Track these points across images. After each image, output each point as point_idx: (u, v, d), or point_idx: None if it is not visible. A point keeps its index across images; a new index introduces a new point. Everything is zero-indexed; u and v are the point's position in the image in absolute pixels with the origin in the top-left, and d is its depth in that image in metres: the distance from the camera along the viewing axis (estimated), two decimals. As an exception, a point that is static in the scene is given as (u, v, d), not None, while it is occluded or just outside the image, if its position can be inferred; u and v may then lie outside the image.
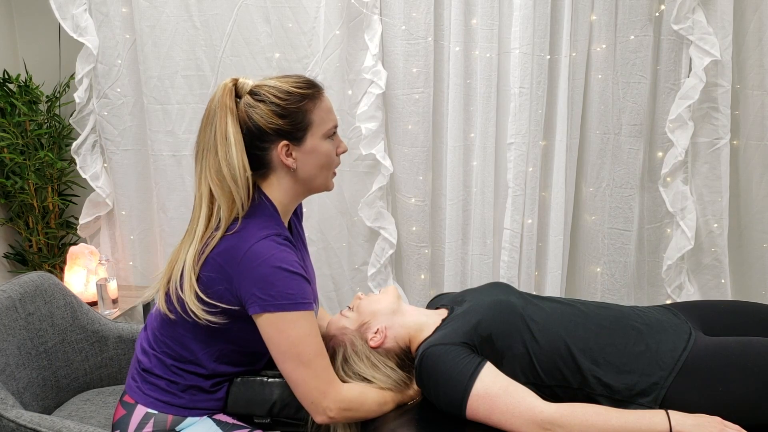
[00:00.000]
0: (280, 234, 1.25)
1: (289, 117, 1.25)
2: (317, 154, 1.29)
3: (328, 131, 1.30)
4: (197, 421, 1.34)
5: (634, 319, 1.39)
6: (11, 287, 1.59)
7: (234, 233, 1.23)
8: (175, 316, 1.28)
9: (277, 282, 1.19)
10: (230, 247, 1.21)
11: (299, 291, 1.21)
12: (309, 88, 1.28)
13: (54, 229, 2.59)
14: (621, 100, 2.16)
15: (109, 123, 2.42)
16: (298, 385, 1.24)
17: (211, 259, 1.22)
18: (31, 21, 2.64)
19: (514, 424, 1.21)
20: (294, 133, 1.26)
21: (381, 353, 1.41)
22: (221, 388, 1.36)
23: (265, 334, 1.23)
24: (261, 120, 1.24)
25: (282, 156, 1.26)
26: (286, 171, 1.29)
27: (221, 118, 1.23)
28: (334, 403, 1.24)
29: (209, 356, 1.32)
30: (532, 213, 2.24)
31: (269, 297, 1.19)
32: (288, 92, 1.25)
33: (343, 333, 1.45)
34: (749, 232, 2.22)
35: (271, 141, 1.25)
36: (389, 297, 1.48)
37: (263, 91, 1.25)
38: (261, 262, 1.19)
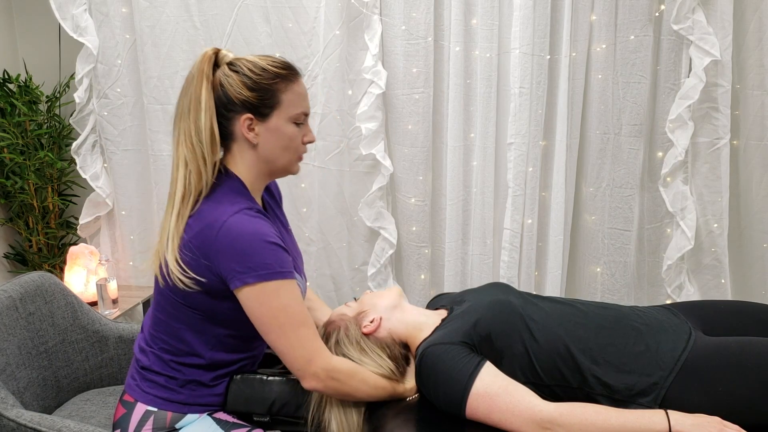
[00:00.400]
0: (252, 207, 1.27)
1: (258, 91, 1.27)
2: (280, 135, 1.31)
3: (296, 116, 1.32)
4: (197, 419, 1.34)
5: (634, 319, 1.39)
6: (12, 287, 1.59)
7: (205, 213, 1.24)
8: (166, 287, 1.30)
9: (254, 253, 1.20)
10: (204, 228, 1.23)
11: (276, 260, 1.22)
12: (285, 69, 1.31)
13: (54, 229, 2.59)
14: (621, 100, 2.16)
15: (109, 123, 2.42)
16: (284, 355, 1.26)
17: (188, 243, 1.24)
18: (31, 21, 2.64)
19: (513, 423, 1.21)
20: (260, 109, 1.28)
21: (372, 341, 1.43)
22: (221, 383, 1.36)
23: (248, 308, 1.24)
24: (231, 89, 1.27)
25: (244, 129, 1.29)
26: (248, 145, 1.31)
27: (197, 84, 1.26)
28: (322, 370, 1.25)
29: (205, 344, 1.32)
30: (532, 213, 2.24)
31: (247, 269, 1.20)
32: (263, 68, 1.29)
33: (341, 319, 1.47)
34: (749, 232, 2.22)
35: (237, 111, 1.28)
36: (392, 294, 1.52)
37: (240, 63, 1.29)
38: (236, 236, 1.20)
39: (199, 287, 1.25)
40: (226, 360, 1.35)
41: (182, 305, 1.30)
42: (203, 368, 1.34)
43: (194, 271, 1.24)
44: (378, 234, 2.31)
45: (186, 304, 1.29)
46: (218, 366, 1.35)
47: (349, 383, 1.29)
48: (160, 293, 1.33)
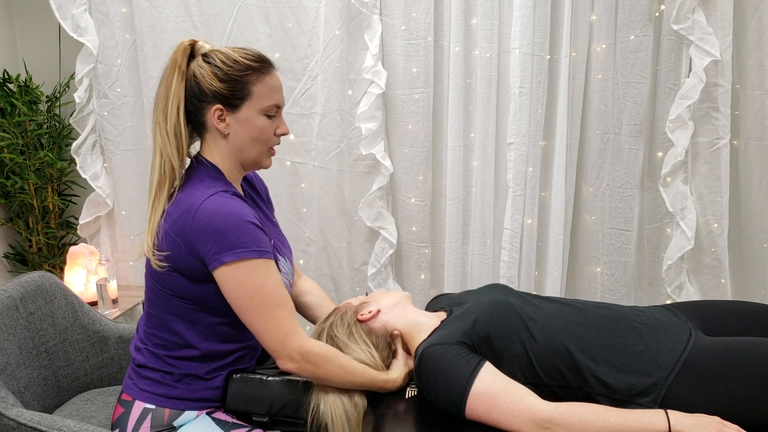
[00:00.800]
0: (227, 190, 1.29)
1: (228, 82, 1.29)
2: (250, 126, 1.33)
3: (267, 108, 1.33)
4: (195, 418, 1.34)
5: (634, 319, 1.39)
6: (12, 287, 1.60)
7: (182, 199, 1.27)
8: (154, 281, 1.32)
9: (229, 232, 1.21)
10: (182, 213, 1.25)
11: (252, 239, 1.23)
12: (257, 62, 1.33)
13: (54, 229, 2.60)
14: (621, 100, 2.16)
15: (109, 123, 2.42)
16: (259, 335, 1.27)
17: (168, 231, 1.26)
18: (31, 21, 2.64)
19: (513, 423, 1.21)
20: (230, 100, 1.30)
21: (363, 328, 1.44)
22: (217, 376, 1.36)
23: (225, 288, 1.25)
24: (202, 80, 1.29)
25: (214, 119, 1.31)
26: (219, 135, 1.33)
27: (169, 74, 1.29)
28: (297, 352, 1.26)
29: (198, 335, 1.33)
30: (532, 213, 2.24)
31: (222, 248, 1.21)
32: (235, 60, 1.31)
33: (345, 306, 1.51)
34: (749, 232, 2.22)
35: (208, 102, 1.30)
36: (400, 294, 1.56)
37: (214, 54, 1.31)
38: (211, 217, 1.22)
39: (179, 272, 1.27)
40: (221, 351, 1.35)
41: (171, 296, 1.31)
42: (198, 360, 1.34)
43: (176, 257, 1.26)
44: (378, 234, 2.31)
45: (175, 295, 1.31)
46: (213, 357, 1.35)
47: (325, 367, 1.29)
48: (150, 289, 1.36)
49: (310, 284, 1.70)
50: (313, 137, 2.30)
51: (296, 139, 2.30)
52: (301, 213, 2.37)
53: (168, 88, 1.29)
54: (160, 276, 1.30)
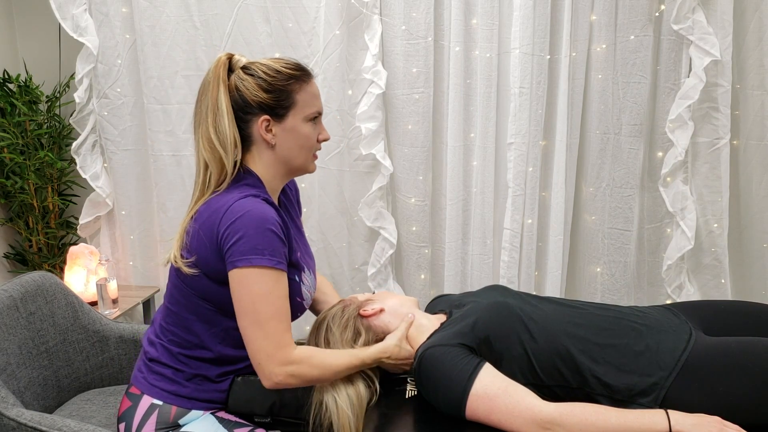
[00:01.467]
0: (258, 195, 1.29)
1: (273, 93, 1.31)
2: (296, 134, 1.34)
3: (311, 114, 1.35)
4: (200, 417, 1.35)
5: (634, 319, 1.39)
6: (13, 287, 1.60)
7: (214, 201, 1.28)
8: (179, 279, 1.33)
9: (249, 236, 1.22)
10: (211, 213, 1.27)
11: (268, 247, 1.23)
12: (298, 71, 1.34)
13: (54, 229, 2.59)
14: (621, 100, 2.16)
15: (109, 123, 2.42)
16: (248, 343, 1.26)
17: (197, 231, 1.27)
18: (31, 21, 2.64)
19: (513, 423, 1.21)
20: (276, 110, 1.31)
21: (363, 325, 1.45)
22: (226, 380, 1.36)
23: (232, 289, 1.26)
24: (247, 92, 1.30)
25: (262, 130, 1.32)
26: (266, 146, 1.34)
27: (213, 88, 1.30)
28: (280, 368, 1.24)
29: (214, 337, 1.33)
30: (532, 213, 2.24)
31: (238, 252, 1.22)
32: (277, 70, 1.32)
33: (351, 299, 1.52)
34: (749, 232, 2.23)
35: (254, 114, 1.31)
36: (406, 297, 1.57)
37: (254, 67, 1.33)
38: (238, 218, 1.23)
39: (205, 274, 1.28)
40: (233, 356, 1.35)
41: (194, 296, 1.32)
42: (210, 362, 1.35)
43: (204, 258, 1.27)
44: (378, 234, 2.31)
45: (197, 295, 1.31)
46: (225, 362, 1.35)
47: (310, 374, 1.28)
48: (173, 285, 1.36)
49: (318, 280, 1.70)
50: (313, 137, 2.30)
51: (296, 139, 2.30)
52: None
53: (215, 102, 1.29)
54: (186, 275, 1.30)
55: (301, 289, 1.37)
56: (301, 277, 1.38)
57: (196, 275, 1.29)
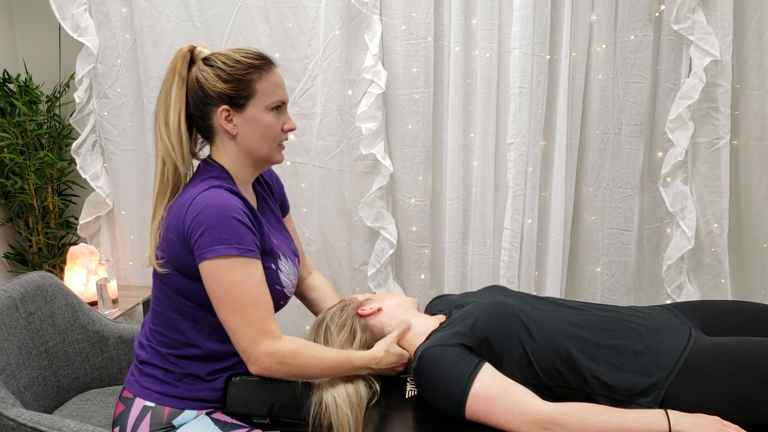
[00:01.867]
0: (222, 186, 1.29)
1: (232, 82, 1.31)
2: (258, 124, 1.34)
3: (272, 103, 1.34)
4: (195, 418, 1.34)
5: (634, 320, 1.39)
6: (12, 287, 1.60)
7: (180, 198, 1.29)
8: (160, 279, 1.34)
9: (213, 227, 1.22)
10: (177, 210, 1.27)
11: (234, 236, 1.23)
12: (258, 60, 1.34)
13: (54, 229, 2.59)
14: (621, 100, 2.16)
15: (109, 123, 2.42)
16: (231, 333, 1.26)
17: (167, 228, 1.28)
18: (31, 21, 2.64)
19: (513, 423, 1.21)
20: (235, 99, 1.31)
21: (360, 324, 1.45)
22: (218, 378, 1.36)
23: (205, 283, 1.26)
24: (206, 83, 1.31)
25: (222, 120, 1.32)
26: (228, 137, 1.34)
27: (168, 80, 1.31)
28: (267, 355, 1.24)
29: (200, 333, 1.33)
30: (532, 213, 2.24)
31: (204, 244, 1.22)
32: (236, 60, 1.32)
33: (350, 299, 1.53)
34: (749, 232, 2.22)
35: (213, 104, 1.31)
36: (405, 298, 1.57)
37: (214, 57, 1.33)
38: (200, 211, 1.23)
39: (177, 270, 1.28)
40: (222, 351, 1.35)
41: (175, 294, 1.32)
42: (200, 360, 1.35)
43: (174, 255, 1.27)
44: (378, 234, 2.31)
45: (178, 293, 1.32)
46: (215, 358, 1.35)
47: (297, 362, 1.28)
48: (156, 286, 1.37)
49: (318, 280, 1.71)
50: (313, 137, 2.30)
51: (296, 139, 2.30)
52: (301, 213, 2.37)
53: (168, 95, 1.30)
54: (163, 274, 1.31)
55: (279, 277, 1.37)
56: (278, 264, 1.37)
57: (171, 273, 1.29)
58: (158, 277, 1.34)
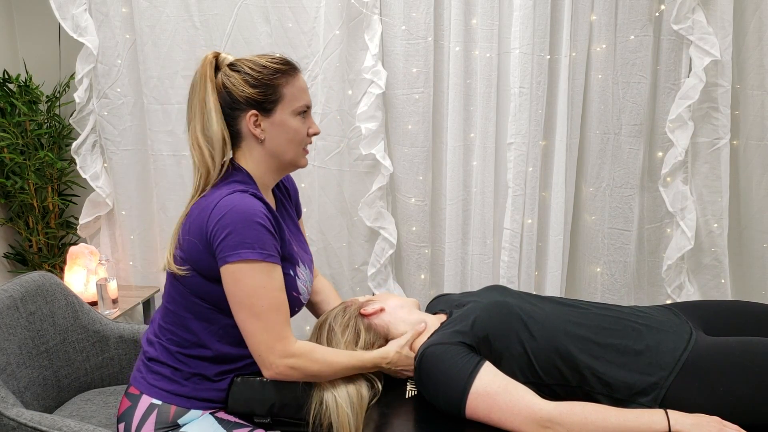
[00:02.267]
0: (246, 190, 1.30)
1: (260, 87, 1.32)
2: (285, 128, 1.35)
3: (299, 108, 1.36)
4: (199, 417, 1.35)
5: (634, 319, 1.39)
6: (13, 287, 1.60)
7: (203, 199, 1.30)
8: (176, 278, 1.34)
9: (237, 231, 1.23)
10: (200, 211, 1.28)
11: (258, 240, 1.24)
12: (284, 65, 1.35)
13: (54, 229, 2.60)
14: (621, 100, 2.16)
15: (109, 123, 2.42)
16: (247, 337, 1.27)
17: (188, 228, 1.29)
18: (31, 21, 2.64)
19: (513, 422, 1.21)
20: (263, 104, 1.33)
21: (363, 324, 1.45)
22: (225, 379, 1.36)
23: (225, 286, 1.26)
24: (234, 88, 1.31)
25: (250, 125, 1.33)
26: (256, 141, 1.35)
27: (201, 88, 1.31)
28: (281, 360, 1.26)
29: (213, 335, 1.34)
30: (532, 213, 2.24)
31: (227, 248, 1.23)
32: (263, 65, 1.33)
33: (352, 300, 1.53)
34: (749, 232, 2.22)
35: (242, 109, 1.32)
36: (406, 299, 1.57)
37: (240, 63, 1.34)
38: (224, 214, 1.24)
39: (197, 272, 1.29)
40: (232, 354, 1.35)
41: (190, 295, 1.32)
42: (209, 361, 1.35)
43: (195, 256, 1.27)
44: (378, 234, 2.31)
45: (194, 294, 1.32)
46: (224, 360, 1.35)
47: (311, 367, 1.29)
48: (170, 284, 1.37)
49: (322, 284, 1.71)
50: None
51: (296, 139, 2.30)
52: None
53: (203, 101, 1.31)
54: (182, 275, 1.31)
55: (297, 284, 1.38)
56: (296, 271, 1.38)
57: (191, 274, 1.29)
58: (175, 277, 1.34)
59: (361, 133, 2.22)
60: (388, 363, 1.39)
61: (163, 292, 1.41)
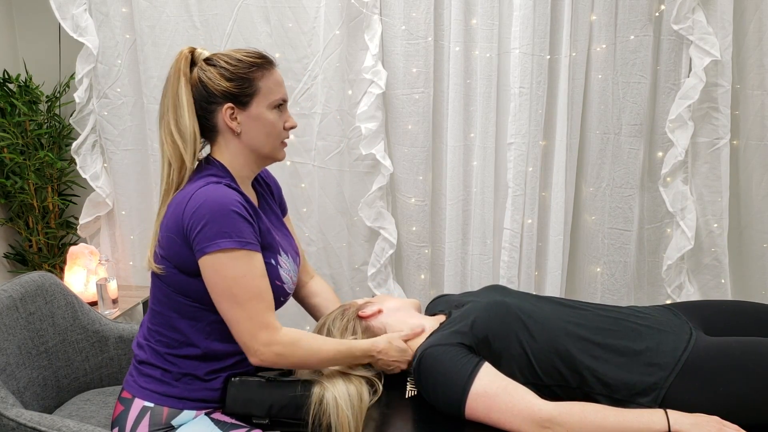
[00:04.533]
0: (220, 182, 1.30)
1: (236, 81, 1.32)
2: (262, 122, 1.35)
3: (275, 101, 1.36)
4: (194, 418, 1.34)
5: (634, 319, 1.39)
6: (12, 287, 1.60)
7: (179, 194, 1.30)
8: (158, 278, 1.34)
9: (213, 221, 1.23)
10: (176, 205, 1.28)
11: (234, 229, 1.24)
12: (259, 59, 1.36)
13: (54, 229, 2.60)
14: (621, 100, 2.16)
15: (109, 123, 2.42)
16: (232, 326, 1.27)
17: (166, 224, 1.29)
18: (31, 21, 2.64)
19: (513, 422, 1.21)
20: (240, 97, 1.33)
21: (361, 326, 1.45)
22: (216, 378, 1.36)
23: (205, 278, 1.26)
24: (209, 82, 1.32)
25: (226, 118, 1.33)
26: (232, 134, 1.36)
27: (174, 82, 1.33)
28: (266, 346, 1.26)
29: (200, 332, 1.34)
30: (532, 213, 2.24)
31: (204, 239, 1.23)
32: (238, 59, 1.34)
33: (350, 304, 1.53)
34: (749, 232, 2.22)
35: (218, 103, 1.33)
36: (406, 300, 1.58)
37: (216, 57, 1.35)
38: (199, 206, 1.24)
39: (177, 268, 1.29)
40: (221, 351, 1.35)
41: (173, 293, 1.32)
42: (198, 359, 1.35)
43: (174, 251, 1.28)
44: (378, 234, 2.31)
45: (176, 292, 1.32)
46: (213, 358, 1.35)
47: (296, 353, 1.29)
48: (154, 285, 1.37)
49: (320, 286, 1.70)
50: (313, 137, 2.30)
51: (296, 139, 2.30)
52: (301, 213, 2.37)
53: (176, 95, 1.32)
54: (162, 273, 1.32)
55: (279, 273, 1.37)
56: (278, 260, 1.38)
57: (170, 271, 1.30)
58: (157, 276, 1.34)
59: (361, 133, 2.22)
60: (379, 352, 1.38)
61: (150, 295, 1.42)
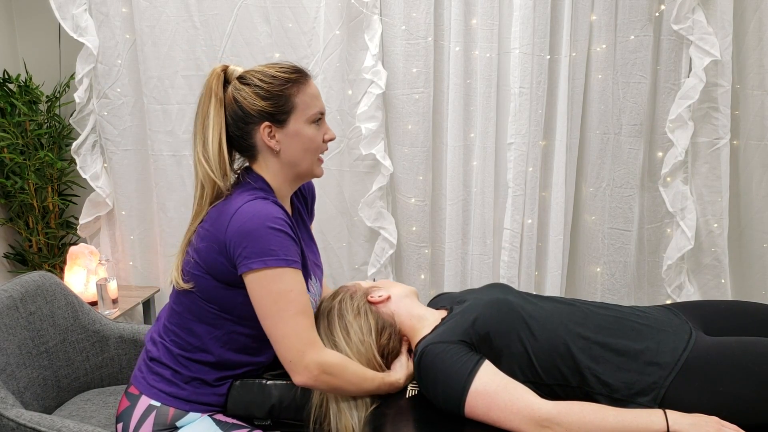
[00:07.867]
0: (267, 198, 1.29)
1: (272, 99, 1.30)
2: (300, 138, 1.33)
3: (312, 116, 1.33)
4: (197, 419, 1.34)
5: (634, 319, 1.39)
6: (13, 287, 1.60)
7: (223, 204, 1.28)
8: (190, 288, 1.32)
9: (259, 238, 1.22)
10: (220, 215, 1.26)
11: (281, 247, 1.23)
12: (294, 73, 1.33)
13: (54, 229, 2.59)
14: (621, 100, 2.16)
15: (109, 123, 2.42)
16: (277, 343, 1.25)
17: (202, 230, 1.28)
18: (31, 21, 2.64)
19: (512, 421, 1.21)
20: (276, 116, 1.30)
21: (371, 311, 1.43)
22: (224, 384, 1.36)
23: (251, 293, 1.25)
24: (245, 102, 1.29)
25: (265, 137, 1.31)
26: (271, 153, 1.33)
27: (205, 102, 1.30)
28: (314, 364, 1.24)
29: (217, 341, 1.33)
30: (532, 213, 2.24)
31: (252, 254, 1.22)
32: (273, 76, 1.31)
33: (355, 285, 1.50)
34: (749, 232, 2.22)
35: (255, 123, 1.30)
36: (408, 287, 1.55)
37: (249, 75, 1.31)
38: (245, 221, 1.22)
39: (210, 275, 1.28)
40: (233, 361, 1.35)
41: (199, 299, 1.31)
42: (210, 366, 1.34)
43: (209, 258, 1.27)
44: (378, 234, 2.31)
45: (202, 298, 1.31)
46: (225, 366, 1.35)
47: (341, 377, 1.28)
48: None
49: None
50: (313, 137, 2.30)
51: (296, 139, 2.30)
52: (301, 213, 2.37)
53: (205, 116, 1.29)
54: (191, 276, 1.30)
55: None
56: (308, 285, 1.36)
57: (202, 275, 1.29)
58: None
59: (361, 133, 2.22)
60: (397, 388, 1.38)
61: (171, 291, 1.40)
